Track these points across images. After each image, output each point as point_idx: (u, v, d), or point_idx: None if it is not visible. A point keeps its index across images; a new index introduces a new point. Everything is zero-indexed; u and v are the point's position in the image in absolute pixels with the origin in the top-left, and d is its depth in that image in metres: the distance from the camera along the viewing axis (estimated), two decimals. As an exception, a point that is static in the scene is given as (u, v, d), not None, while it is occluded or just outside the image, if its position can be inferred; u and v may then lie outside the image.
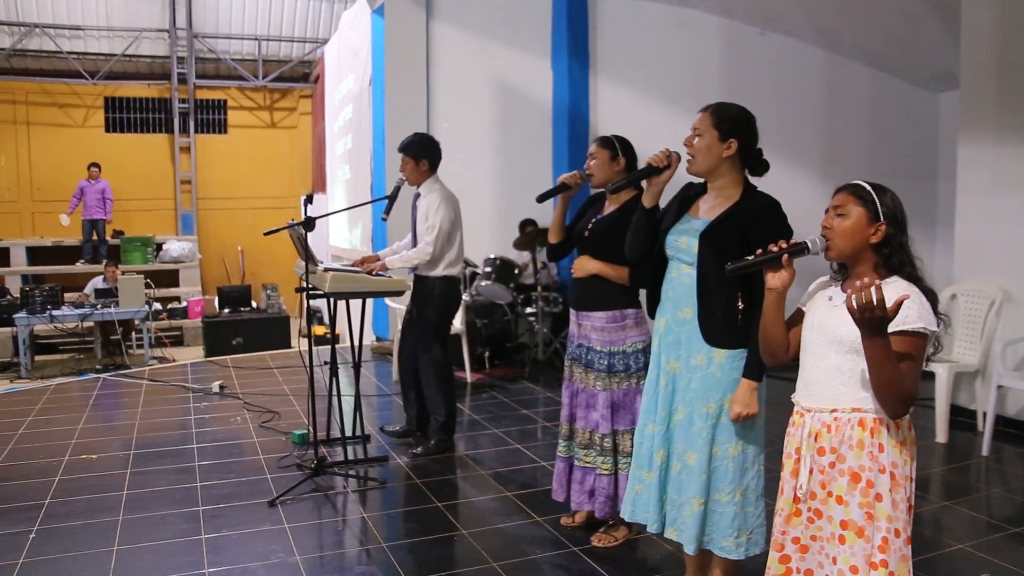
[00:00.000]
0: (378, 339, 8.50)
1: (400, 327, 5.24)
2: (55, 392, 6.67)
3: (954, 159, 5.50)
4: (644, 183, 2.82)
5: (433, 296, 4.74)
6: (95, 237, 12.71)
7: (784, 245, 2.07)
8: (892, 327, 1.83)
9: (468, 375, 6.77)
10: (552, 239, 3.54)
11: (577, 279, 3.44)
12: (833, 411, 2.02)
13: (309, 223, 4.11)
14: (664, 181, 2.73)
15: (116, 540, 3.54)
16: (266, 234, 4.25)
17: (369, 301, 4.71)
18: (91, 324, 10.11)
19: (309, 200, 4.21)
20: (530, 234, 7.41)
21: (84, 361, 10.38)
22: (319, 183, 13.68)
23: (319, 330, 10.25)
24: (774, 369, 2.33)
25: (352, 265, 4.81)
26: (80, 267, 12.55)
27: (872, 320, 1.78)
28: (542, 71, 8.08)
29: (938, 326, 1.94)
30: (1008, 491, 4.28)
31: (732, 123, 2.55)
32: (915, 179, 7.00)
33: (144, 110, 14.61)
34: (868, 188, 2.04)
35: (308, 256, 4.24)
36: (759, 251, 2.09)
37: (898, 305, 1.78)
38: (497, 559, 3.35)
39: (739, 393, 2.51)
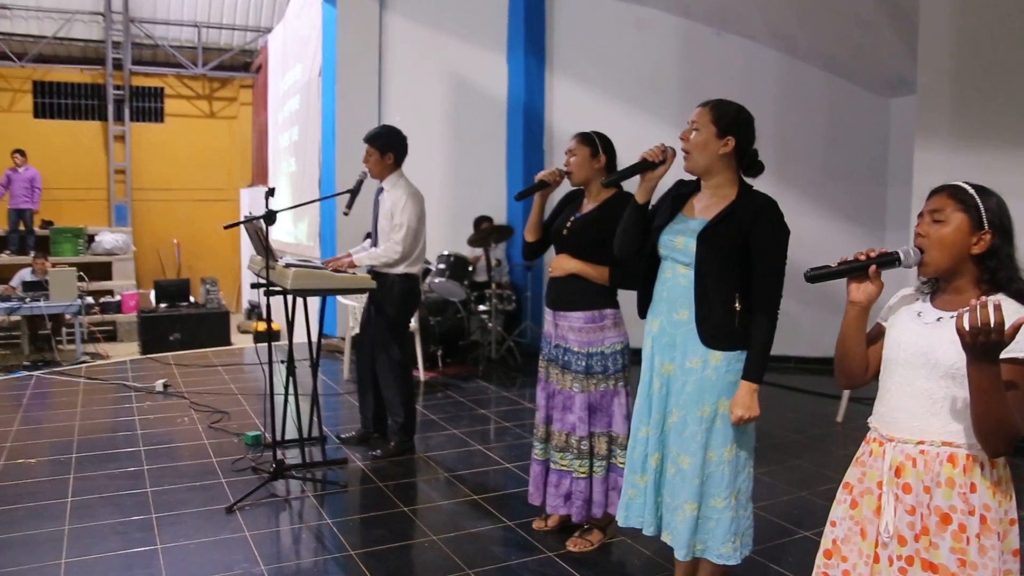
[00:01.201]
0: (325, 336, 8.28)
1: (351, 325, 5.09)
2: (-16, 391, 6.31)
3: (905, 163, 5.58)
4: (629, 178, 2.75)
5: (392, 294, 4.60)
6: (22, 227, 12.13)
7: (873, 254, 1.84)
8: (1001, 353, 1.59)
9: (421, 373, 6.64)
10: (529, 237, 3.44)
11: (554, 278, 3.35)
12: (919, 443, 1.78)
13: (270, 217, 3.94)
14: (658, 176, 2.66)
15: (63, 552, 3.31)
16: (226, 228, 4.06)
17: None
18: (18, 318, 9.64)
19: (271, 193, 4.04)
20: (485, 231, 7.31)
21: (11, 357, 9.87)
22: (260, 175, 13.32)
23: (259, 326, 9.95)
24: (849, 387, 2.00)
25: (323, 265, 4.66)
26: (6, 258, 11.97)
27: (986, 345, 1.55)
28: (497, 66, 7.96)
29: None
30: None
31: (731, 120, 2.50)
32: (866, 182, 7.11)
33: (76, 96, 14.00)
34: (971, 191, 1.78)
35: (268, 251, 4.06)
36: (844, 257, 1.88)
37: (1016, 328, 1.55)
38: (472, 566, 3.25)
39: (740, 396, 2.45)
